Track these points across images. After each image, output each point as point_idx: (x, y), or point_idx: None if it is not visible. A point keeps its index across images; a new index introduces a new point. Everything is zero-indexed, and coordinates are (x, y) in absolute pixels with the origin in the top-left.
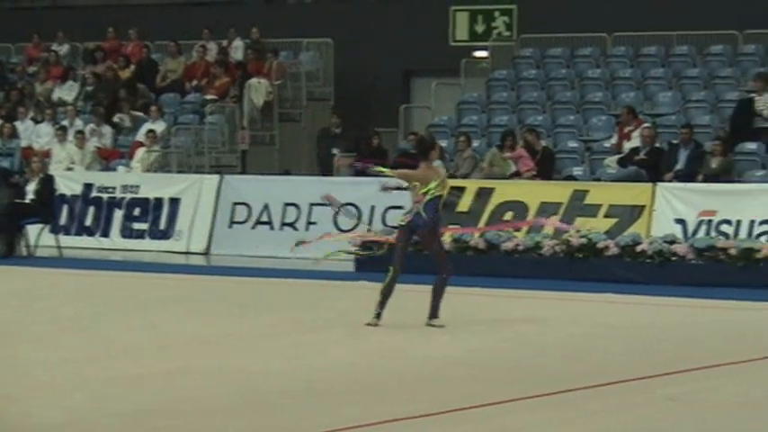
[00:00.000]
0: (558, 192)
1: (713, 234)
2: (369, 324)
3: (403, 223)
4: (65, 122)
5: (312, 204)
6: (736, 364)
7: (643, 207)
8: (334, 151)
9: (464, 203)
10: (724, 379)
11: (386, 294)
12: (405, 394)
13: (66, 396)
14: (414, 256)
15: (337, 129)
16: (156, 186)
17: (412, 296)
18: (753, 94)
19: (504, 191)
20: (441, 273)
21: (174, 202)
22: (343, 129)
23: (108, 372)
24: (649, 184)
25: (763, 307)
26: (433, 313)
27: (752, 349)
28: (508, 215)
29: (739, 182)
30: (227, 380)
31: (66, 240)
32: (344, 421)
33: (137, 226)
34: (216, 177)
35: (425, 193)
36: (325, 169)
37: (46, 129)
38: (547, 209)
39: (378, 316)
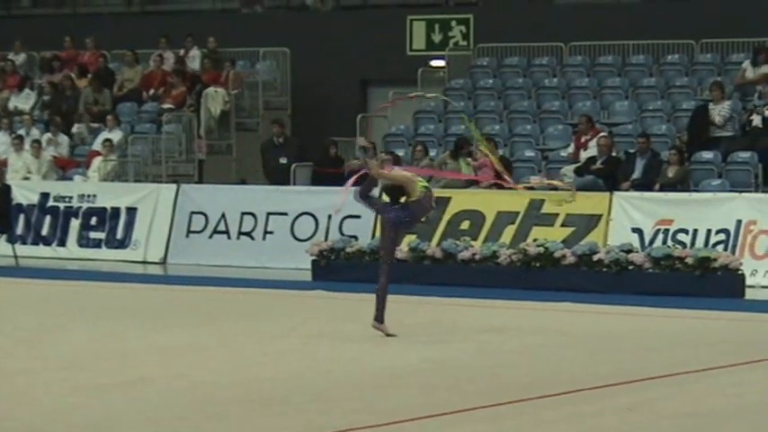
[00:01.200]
0: (514, 201)
1: (670, 243)
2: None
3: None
4: (21, 131)
5: (269, 213)
6: (692, 373)
7: (600, 216)
8: (282, 161)
9: None
10: (680, 388)
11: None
12: (356, 404)
13: (22, 407)
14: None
15: (279, 138)
16: (113, 195)
17: (369, 305)
18: (709, 103)
19: (461, 200)
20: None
21: (131, 211)
22: (285, 138)
23: (66, 382)
24: (606, 194)
25: (719, 316)
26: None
27: (708, 358)
28: (465, 224)
29: (696, 191)
30: (187, 390)
31: (22, 250)
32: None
33: (93, 235)
34: (173, 187)
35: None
36: (274, 179)
37: (2, 138)
38: (504, 218)
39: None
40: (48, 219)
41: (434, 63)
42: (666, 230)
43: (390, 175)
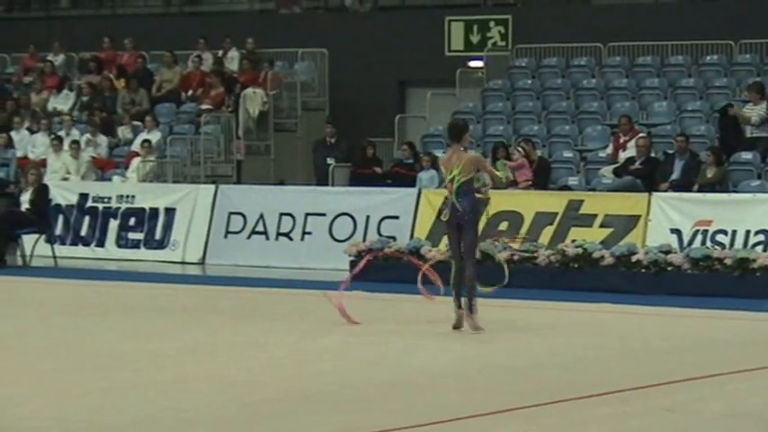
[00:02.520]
0: (553, 202)
1: (709, 244)
2: (455, 327)
3: (444, 219)
4: (61, 132)
5: (307, 214)
6: (732, 374)
7: (638, 217)
8: (329, 161)
9: None
10: (720, 389)
11: (457, 287)
12: (397, 404)
13: (58, 406)
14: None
15: (332, 138)
16: (152, 196)
17: (406, 304)
18: (731, 106)
19: (500, 201)
20: (464, 268)
21: (170, 211)
22: (337, 139)
23: (102, 382)
24: (645, 194)
25: (759, 317)
26: (470, 309)
27: (748, 359)
28: (503, 225)
29: (735, 191)
30: (222, 390)
31: (61, 250)
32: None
33: (132, 236)
34: (211, 187)
35: (451, 181)
36: (321, 179)
37: (41, 139)
38: (542, 219)
39: (459, 307)
40: (86, 219)
41: (473, 64)
42: (705, 231)
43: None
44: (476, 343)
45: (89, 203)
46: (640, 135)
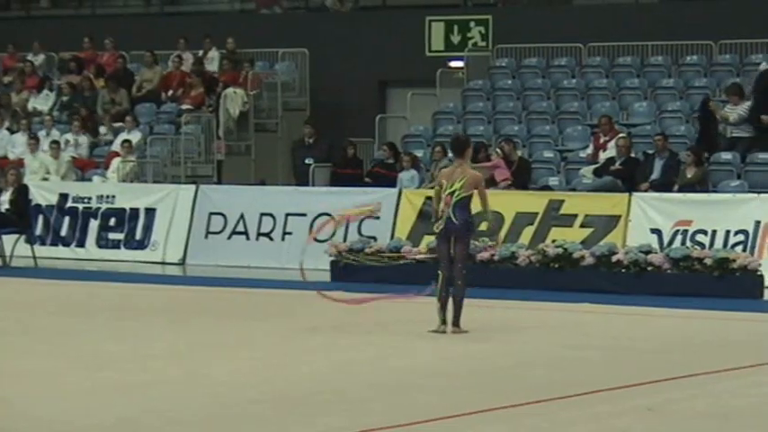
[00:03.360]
0: (533, 202)
1: (689, 244)
2: (435, 331)
3: (437, 230)
4: (41, 132)
5: (288, 214)
6: (712, 373)
7: (619, 217)
8: (308, 161)
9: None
10: (701, 389)
11: (442, 301)
12: (380, 404)
13: (41, 407)
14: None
15: (310, 139)
16: (132, 196)
17: (389, 305)
18: (710, 100)
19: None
20: (455, 279)
21: (150, 212)
22: (316, 139)
23: (85, 383)
24: (625, 194)
25: (739, 317)
26: (456, 322)
27: (728, 359)
28: (483, 225)
29: (715, 192)
30: (205, 391)
31: (41, 251)
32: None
33: (112, 236)
34: (192, 187)
35: (451, 194)
36: (301, 179)
37: (21, 139)
38: (522, 219)
39: (443, 322)
40: (66, 220)
41: (453, 64)
42: (685, 231)
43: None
44: (458, 343)
45: (69, 204)
46: (620, 135)
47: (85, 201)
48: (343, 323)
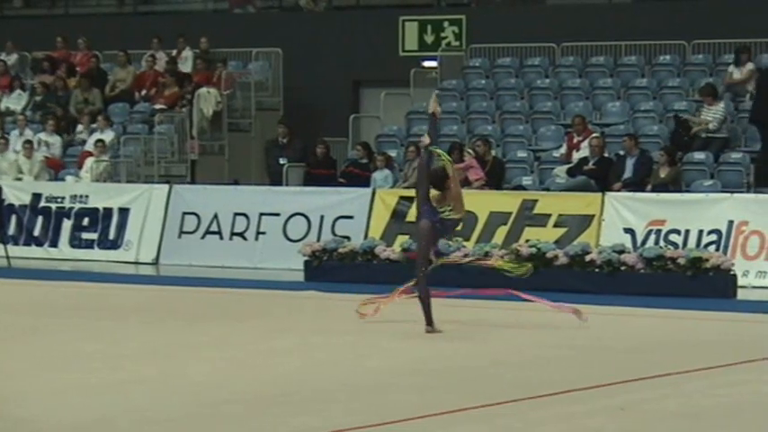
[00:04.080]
0: (507, 201)
1: (662, 244)
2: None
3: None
4: (14, 132)
5: (262, 214)
6: (684, 373)
7: (592, 217)
8: (282, 161)
9: (413, 213)
10: (673, 388)
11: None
12: (355, 404)
13: (13, 407)
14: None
15: (284, 139)
16: (105, 196)
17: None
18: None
19: None
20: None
21: (124, 211)
22: (289, 139)
23: (58, 383)
24: (598, 194)
25: (711, 317)
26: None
27: (701, 359)
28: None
29: (688, 191)
30: (180, 391)
31: (14, 250)
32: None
33: (86, 236)
34: (165, 187)
35: (442, 212)
36: (275, 179)
37: None
38: (496, 219)
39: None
40: (40, 219)
41: (427, 64)
42: (659, 231)
43: (457, 188)
44: (433, 343)
45: (42, 203)
46: (594, 135)
47: (59, 200)
48: (319, 323)
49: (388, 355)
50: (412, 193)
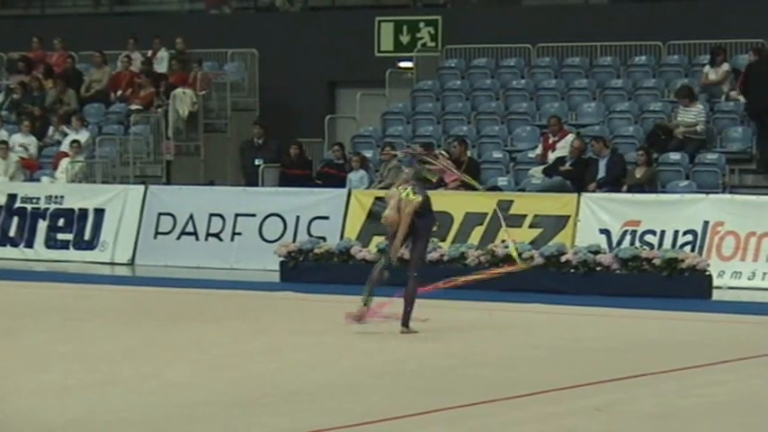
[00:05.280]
0: (483, 202)
1: (637, 244)
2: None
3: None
4: None
5: (237, 215)
6: (660, 373)
7: (568, 217)
8: (258, 162)
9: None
10: (648, 389)
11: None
12: (331, 405)
13: None
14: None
15: (260, 140)
16: (81, 197)
17: (340, 305)
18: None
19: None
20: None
21: (99, 212)
22: (265, 139)
23: (33, 384)
24: (574, 195)
25: (688, 317)
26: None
27: (676, 359)
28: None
29: (663, 192)
30: (156, 392)
31: None
32: None
33: (61, 237)
34: (141, 188)
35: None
36: (250, 180)
37: None
38: (472, 219)
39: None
40: (15, 220)
41: (402, 64)
42: (634, 232)
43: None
44: (409, 343)
45: (18, 204)
46: (573, 136)
47: (34, 201)
48: (295, 324)
49: (365, 356)
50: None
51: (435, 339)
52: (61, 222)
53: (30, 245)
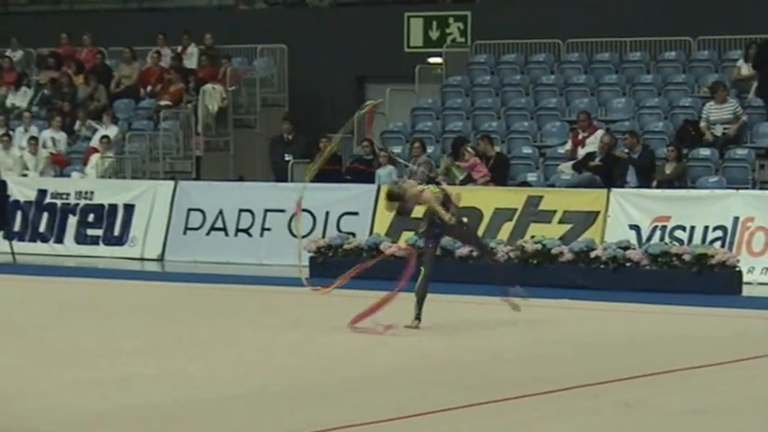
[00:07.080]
0: (512, 198)
1: (667, 240)
2: (410, 326)
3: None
4: (19, 128)
5: (267, 210)
6: (690, 369)
7: (597, 213)
8: (287, 157)
9: (419, 209)
10: (678, 385)
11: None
12: (355, 400)
13: (17, 403)
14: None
15: (289, 135)
16: (111, 192)
17: (367, 301)
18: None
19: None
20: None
21: (129, 208)
22: (294, 135)
23: (61, 378)
24: (603, 191)
25: (717, 313)
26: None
27: (706, 355)
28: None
29: (693, 188)
30: (183, 386)
31: (19, 247)
32: (292, 428)
33: (91, 232)
34: (170, 183)
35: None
36: (279, 175)
37: None
38: (501, 215)
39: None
40: (45, 216)
41: (432, 60)
42: (664, 227)
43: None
44: (436, 339)
45: (48, 200)
46: (603, 132)
47: (64, 197)
48: (321, 319)
49: (391, 352)
50: None
51: (461, 336)
52: (91, 218)
53: (60, 240)
